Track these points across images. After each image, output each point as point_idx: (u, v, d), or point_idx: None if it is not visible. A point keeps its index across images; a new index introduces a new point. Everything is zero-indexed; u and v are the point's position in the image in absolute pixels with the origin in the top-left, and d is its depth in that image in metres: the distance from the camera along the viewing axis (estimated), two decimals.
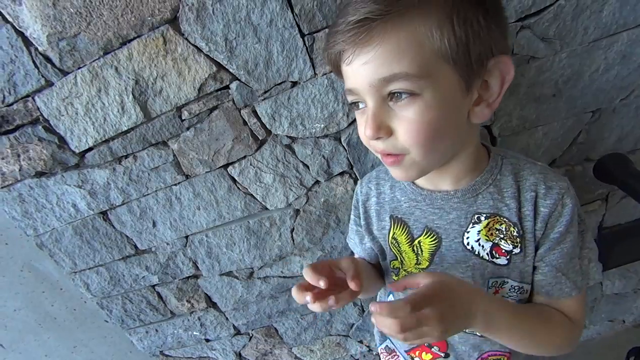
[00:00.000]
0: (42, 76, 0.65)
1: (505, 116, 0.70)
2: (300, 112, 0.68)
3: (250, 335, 1.05)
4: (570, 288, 0.48)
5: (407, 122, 0.40)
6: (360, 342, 1.08)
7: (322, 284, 0.43)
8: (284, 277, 0.90)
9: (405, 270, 0.55)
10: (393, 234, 0.54)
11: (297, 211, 0.80)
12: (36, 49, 0.63)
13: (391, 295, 0.67)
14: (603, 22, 0.60)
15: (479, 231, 0.48)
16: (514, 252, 0.48)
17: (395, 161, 0.43)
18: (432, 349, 0.58)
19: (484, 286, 0.51)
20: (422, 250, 0.52)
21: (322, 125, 0.69)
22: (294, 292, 0.46)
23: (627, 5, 0.59)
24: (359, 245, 0.64)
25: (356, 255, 0.68)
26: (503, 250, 0.48)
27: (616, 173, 0.69)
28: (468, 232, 0.49)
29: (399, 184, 0.54)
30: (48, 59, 0.64)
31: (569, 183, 0.48)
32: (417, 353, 0.61)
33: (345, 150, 0.73)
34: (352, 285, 0.44)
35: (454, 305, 0.40)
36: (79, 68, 0.65)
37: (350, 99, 0.45)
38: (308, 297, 0.44)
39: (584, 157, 0.75)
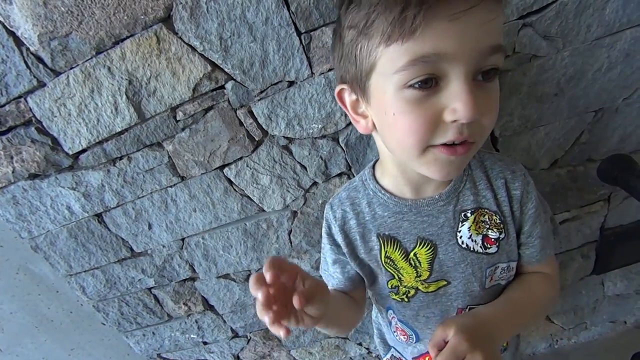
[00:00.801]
0: (34, 77, 0.64)
1: (506, 116, 0.68)
2: (297, 113, 0.67)
3: (249, 337, 1.04)
4: (550, 249, 0.54)
5: (492, 101, 0.37)
6: (360, 344, 1.07)
7: (268, 277, 0.35)
8: None
9: (405, 286, 0.53)
10: (385, 253, 0.51)
11: (294, 213, 0.79)
12: (28, 49, 0.62)
13: (392, 350, 0.66)
14: (606, 20, 0.59)
15: (469, 227, 0.49)
16: (500, 238, 0.50)
17: (465, 150, 0.38)
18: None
19: (482, 277, 0.51)
20: (420, 262, 0.50)
21: (320, 126, 0.68)
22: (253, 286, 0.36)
23: (630, 2, 0.58)
24: (340, 275, 0.57)
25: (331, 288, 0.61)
26: (492, 239, 0.50)
27: (621, 174, 0.68)
28: (459, 231, 0.49)
29: (377, 199, 0.51)
30: (40, 59, 0.63)
31: (521, 164, 0.52)
32: (427, 358, 0.59)
33: (344, 151, 0.71)
34: (295, 301, 0.35)
35: (486, 339, 0.43)
36: (71, 68, 0.63)
37: (417, 71, 0.34)
38: (267, 317, 0.35)
39: (586, 158, 0.74)
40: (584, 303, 1.03)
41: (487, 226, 0.49)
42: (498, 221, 0.49)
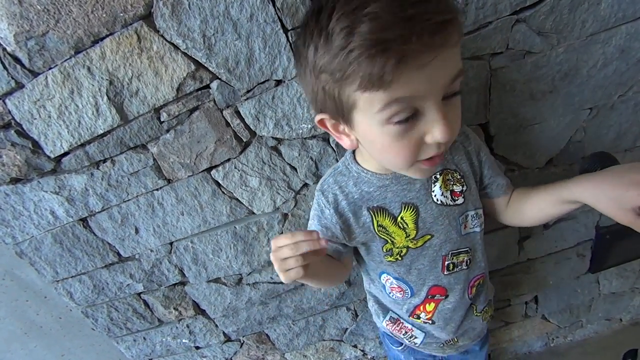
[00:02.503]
0: (12, 78, 0.61)
1: (501, 114, 0.67)
2: (285, 112, 0.65)
3: (242, 341, 1.02)
4: (507, 182, 0.64)
5: (458, 111, 0.44)
6: (355, 346, 1.05)
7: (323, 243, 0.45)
8: (273, 283, 0.88)
9: (397, 247, 0.60)
10: (378, 223, 0.59)
11: (285, 215, 0.77)
12: (4, 49, 0.59)
13: (390, 312, 0.72)
14: (601, 15, 0.58)
15: (440, 186, 0.57)
16: (464, 190, 0.60)
17: (441, 158, 0.46)
18: (435, 297, 0.65)
19: (457, 225, 0.60)
20: (407, 224, 0.58)
21: (309, 126, 0.66)
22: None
23: None
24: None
25: None
26: (457, 192, 0.59)
27: None
28: (433, 191, 0.58)
29: (361, 178, 0.58)
30: (17, 60, 0.60)
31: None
32: (421, 308, 0.66)
33: (334, 152, 0.70)
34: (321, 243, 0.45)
35: None
36: (49, 68, 0.61)
37: (396, 110, 0.40)
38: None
39: (581, 156, 0.73)
40: (580, 301, 1.02)
41: (452, 182, 0.59)
42: (459, 177, 0.59)
